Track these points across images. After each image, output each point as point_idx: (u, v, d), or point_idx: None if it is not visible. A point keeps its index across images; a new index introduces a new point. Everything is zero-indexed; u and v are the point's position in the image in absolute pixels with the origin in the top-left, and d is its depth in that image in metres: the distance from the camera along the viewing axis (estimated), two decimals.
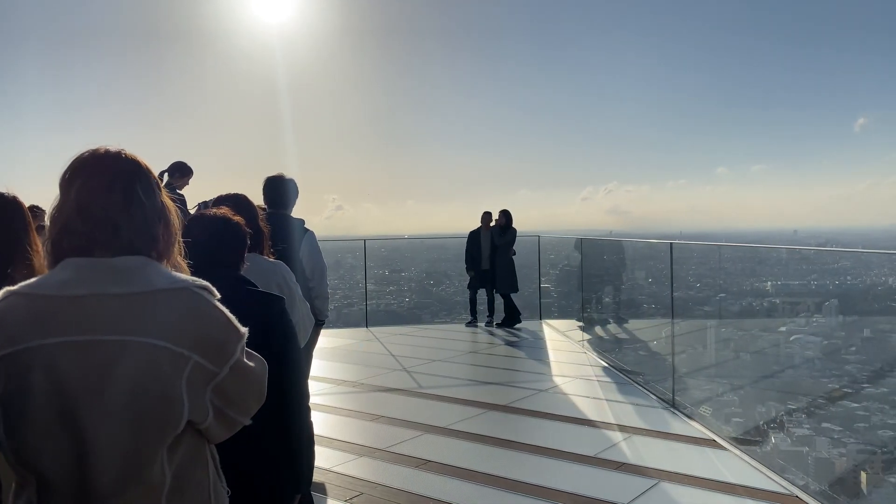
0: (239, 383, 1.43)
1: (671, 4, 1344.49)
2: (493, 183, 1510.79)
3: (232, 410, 1.44)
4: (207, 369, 1.35)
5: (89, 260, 1.35)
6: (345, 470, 4.81)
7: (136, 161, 1.46)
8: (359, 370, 8.04)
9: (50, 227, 1.40)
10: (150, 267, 1.38)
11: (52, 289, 1.33)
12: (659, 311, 9.20)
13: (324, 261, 4.99)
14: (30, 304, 1.32)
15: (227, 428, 1.46)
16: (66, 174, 1.41)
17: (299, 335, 3.29)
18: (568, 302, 12.55)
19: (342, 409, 6.35)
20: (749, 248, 7.43)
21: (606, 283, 10.04)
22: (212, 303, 1.41)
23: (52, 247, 1.38)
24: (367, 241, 12.49)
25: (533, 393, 6.81)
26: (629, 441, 5.32)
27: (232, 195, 3.21)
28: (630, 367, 7.79)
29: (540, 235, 12.62)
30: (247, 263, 3.12)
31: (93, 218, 1.36)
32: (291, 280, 3.25)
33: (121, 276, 1.34)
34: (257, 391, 1.52)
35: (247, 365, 1.45)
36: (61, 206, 1.39)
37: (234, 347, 1.40)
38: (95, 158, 1.42)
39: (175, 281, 1.39)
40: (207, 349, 1.35)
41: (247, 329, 1.47)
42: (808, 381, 6.08)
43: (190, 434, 1.39)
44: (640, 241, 9.15)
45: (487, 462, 4.91)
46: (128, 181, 1.42)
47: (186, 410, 1.32)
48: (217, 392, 1.38)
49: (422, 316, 14.23)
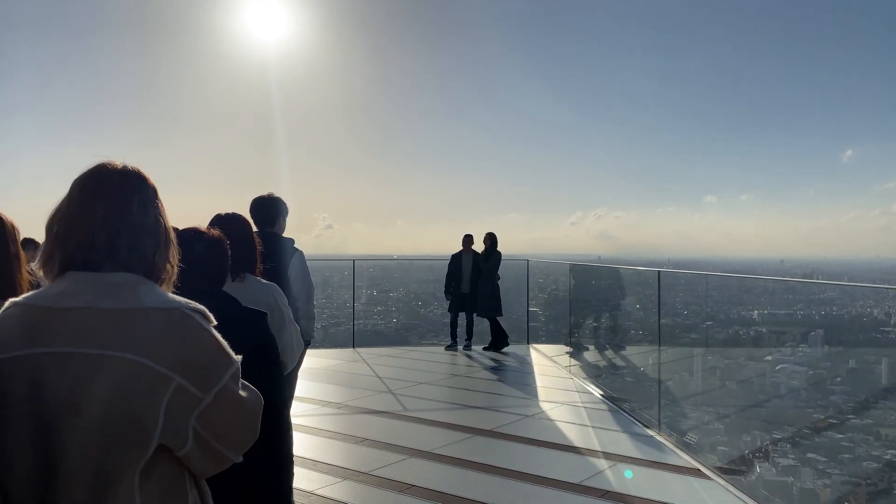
0: (227, 413, 1.38)
1: (664, 31, 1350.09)
2: (482, 205, 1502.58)
3: (220, 443, 1.39)
4: (191, 393, 1.31)
5: (86, 274, 1.35)
6: (328, 493, 4.76)
7: (138, 177, 1.46)
8: (344, 391, 7.99)
9: (50, 240, 1.39)
10: (143, 285, 1.37)
11: (47, 300, 1.33)
12: (646, 338, 9.20)
13: (312, 281, 4.97)
14: (24, 315, 1.33)
15: (214, 461, 1.41)
16: (71, 189, 1.42)
17: (289, 358, 3.28)
18: (556, 326, 12.54)
19: (326, 430, 6.30)
20: (736, 277, 7.46)
21: (597, 309, 10.05)
22: (203, 326, 1.38)
23: (49, 259, 1.38)
24: (356, 260, 12.47)
25: (519, 418, 6.78)
26: (614, 469, 5.30)
27: (229, 215, 3.21)
28: (617, 394, 7.78)
29: (529, 259, 12.64)
30: (239, 281, 3.12)
31: (93, 234, 1.36)
32: (283, 302, 3.23)
33: (113, 292, 1.33)
34: (249, 425, 1.46)
35: (237, 395, 1.41)
36: (61, 221, 1.39)
37: (222, 374, 1.36)
38: (98, 174, 1.42)
39: (167, 301, 1.38)
40: (192, 372, 1.32)
41: (240, 358, 1.44)
42: (794, 410, 6.08)
43: (167, 462, 1.34)
44: (629, 268, 9.16)
45: (472, 487, 4.87)
46: (128, 198, 1.41)
47: (158, 433, 1.28)
48: (202, 420, 1.33)
49: (409, 337, 14.17)
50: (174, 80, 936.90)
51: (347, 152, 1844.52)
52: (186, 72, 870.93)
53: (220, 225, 3.22)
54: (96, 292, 1.33)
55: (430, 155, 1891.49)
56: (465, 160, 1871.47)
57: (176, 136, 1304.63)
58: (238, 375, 1.43)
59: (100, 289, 1.33)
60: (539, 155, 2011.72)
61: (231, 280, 3.13)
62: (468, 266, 11.07)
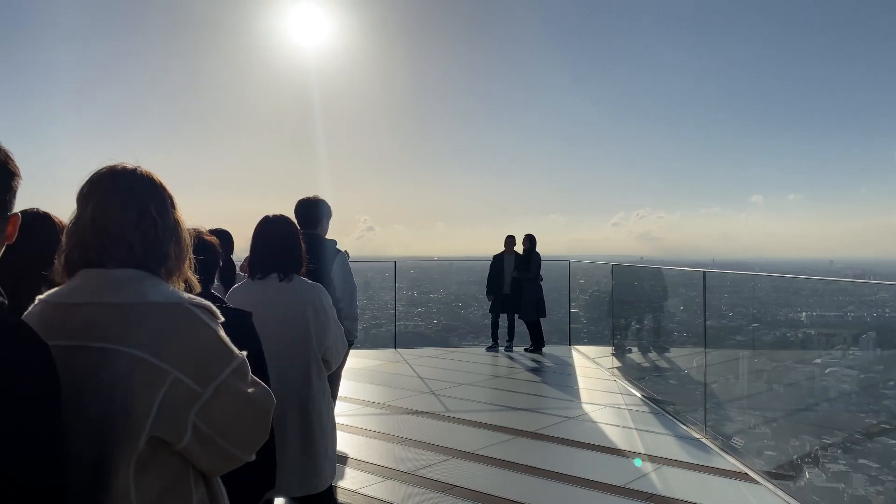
0: (231, 409, 1.38)
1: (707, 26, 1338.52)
2: (522, 206, 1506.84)
3: (226, 440, 1.39)
4: (189, 387, 1.32)
5: (95, 270, 1.39)
6: (371, 492, 4.80)
7: (150, 179, 1.49)
8: (387, 392, 8.04)
9: (66, 240, 1.43)
10: (148, 280, 1.40)
11: (60, 297, 1.38)
12: (690, 340, 9.07)
13: (354, 282, 5.02)
14: (43, 311, 1.38)
15: (221, 459, 1.41)
16: (83, 189, 1.45)
17: (333, 358, 3.31)
18: (597, 328, 12.43)
19: (370, 430, 6.34)
20: (784, 278, 7.31)
21: (640, 311, 9.94)
22: (204, 321, 1.39)
23: (65, 259, 1.42)
24: (397, 262, 12.53)
25: (561, 420, 6.75)
26: (659, 472, 5.23)
27: (276, 216, 3.26)
28: (661, 396, 7.68)
29: (570, 260, 12.56)
30: (286, 281, 3.17)
31: (106, 234, 1.40)
32: (328, 303, 3.26)
33: (118, 287, 1.36)
34: (255, 422, 1.46)
35: (241, 391, 1.41)
36: (77, 221, 1.43)
37: (222, 369, 1.37)
38: (111, 175, 1.46)
39: (170, 296, 1.40)
40: (190, 367, 1.32)
41: (243, 354, 1.44)
42: (845, 415, 5.94)
43: (167, 458, 1.35)
44: (672, 268, 9.04)
45: (515, 489, 4.86)
46: (141, 199, 1.44)
47: (149, 425, 1.28)
48: (204, 416, 1.34)
49: (449, 338, 14.18)
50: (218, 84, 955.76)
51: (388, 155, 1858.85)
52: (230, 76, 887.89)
53: (266, 227, 3.28)
54: (103, 288, 1.37)
55: (469, 157, 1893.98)
56: (506, 161, 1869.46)
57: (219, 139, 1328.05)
58: (242, 371, 1.43)
59: (106, 284, 1.37)
60: (580, 155, 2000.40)
61: (279, 280, 3.19)
62: (510, 267, 11.03)
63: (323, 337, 3.23)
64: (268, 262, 3.20)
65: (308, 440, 3.10)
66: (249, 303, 2.94)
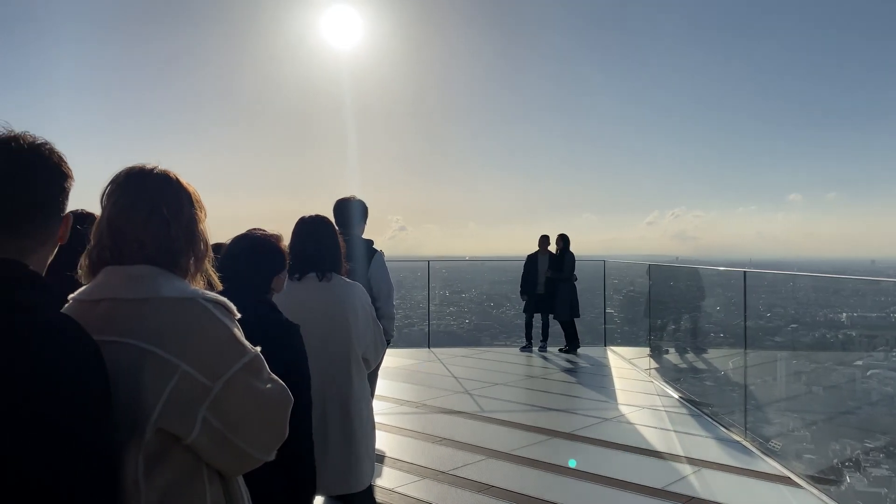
0: (241, 404, 1.38)
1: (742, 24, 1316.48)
2: (555, 206, 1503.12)
3: (238, 437, 1.39)
4: (198, 381, 1.33)
5: (114, 267, 1.43)
6: (408, 491, 4.80)
7: (166, 179, 1.52)
8: (421, 391, 8.05)
9: (91, 240, 1.49)
10: (162, 276, 1.42)
11: (83, 294, 1.43)
12: (727, 341, 8.94)
13: (391, 281, 5.04)
14: (70, 308, 1.42)
15: (235, 457, 1.41)
16: (104, 191, 1.50)
17: (372, 356, 3.32)
18: (632, 329, 12.32)
19: (405, 429, 6.36)
20: (825, 278, 7.16)
21: (676, 311, 9.82)
22: (216, 316, 1.41)
23: (88, 258, 1.47)
24: (430, 261, 12.54)
25: (598, 421, 6.69)
26: (699, 475, 5.16)
27: (313, 217, 3.28)
28: (699, 398, 7.58)
29: (605, 260, 12.46)
30: (325, 280, 3.19)
31: (121, 233, 1.44)
32: (367, 301, 3.27)
33: (132, 283, 1.40)
34: (269, 419, 1.46)
35: (253, 387, 1.41)
36: (98, 222, 1.48)
37: (231, 364, 1.38)
38: (127, 177, 1.50)
39: (184, 291, 1.42)
40: (199, 360, 1.34)
41: (256, 350, 1.45)
42: (888, 418, 5.80)
43: (178, 454, 1.35)
44: (710, 268, 8.91)
45: (551, 490, 4.83)
46: (154, 199, 1.47)
47: (155, 416, 1.29)
48: (214, 410, 1.34)
49: (481, 338, 14.16)
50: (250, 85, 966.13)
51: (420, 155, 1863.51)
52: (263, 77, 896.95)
53: (304, 227, 3.30)
54: (119, 284, 1.40)
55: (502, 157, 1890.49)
56: (538, 161, 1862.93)
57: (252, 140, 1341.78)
58: (255, 367, 1.43)
59: (123, 281, 1.40)
60: (614, 154, 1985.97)
61: (318, 280, 3.21)
62: (544, 267, 10.98)
63: (362, 336, 3.24)
64: (306, 263, 3.22)
65: (349, 439, 3.10)
66: (289, 303, 2.96)
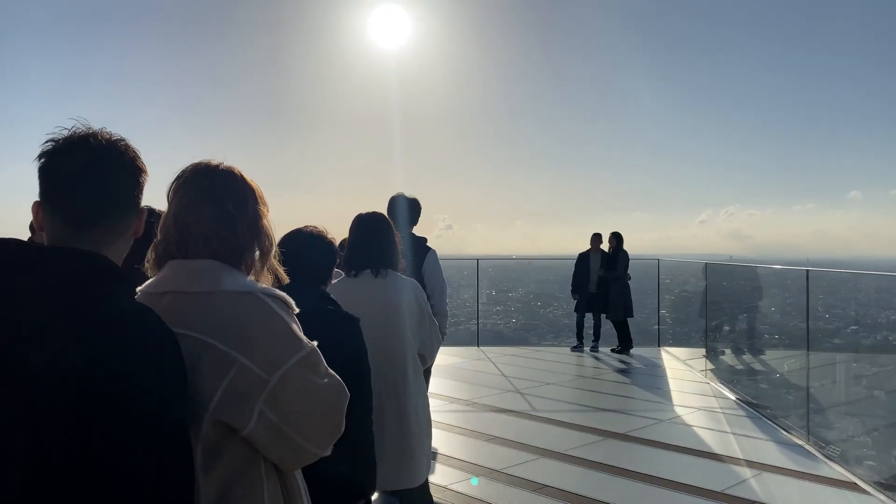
0: (297, 399, 1.39)
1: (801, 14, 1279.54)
2: (604, 205, 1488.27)
3: (294, 431, 1.39)
4: (256, 374, 1.34)
5: (178, 261, 1.45)
6: (462, 489, 4.77)
7: (231, 175, 1.53)
8: (472, 389, 8.02)
9: (158, 234, 1.51)
10: (223, 271, 1.44)
11: (149, 287, 1.46)
12: (782, 342, 8.69)
13: (444, 279, 5.01)
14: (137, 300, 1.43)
15: (291, 451, 1.42)
16: (170, 187, 1.53)
17: (428, 353, 3.30)
18: (684, 329, 12.07)
19: (457, 427, 6.33)
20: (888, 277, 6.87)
21: (732, 311, 9.59)
22: (274, 310, 1.42)
23: (154, 252, 1.50)
24: (479, 260, 12.50)
25: (653, 422, 6.56)
26: (760, 478, 5.01)
27: (370, 214, 3.29)
28: (757, 400, 7.37)
29: (659, 259, 12.23)
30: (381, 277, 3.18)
31: (186, 228, 1.46)
32: (423, 298, 3.26)
33: (196, 277, 1.42)
34: (326, 414, 1.47)
35: (309, 381, 1.42)
36: (165, 217, 1.50)
37: (288, 358, 1.38)
38: (192, 173, 1.52)
39: (244, 285, 1.44)
40: (257, 354, 1.35)
41: (313, 344, 1.45)
42: None
43: (235, 446, 1.36)
44: (769, 267, 8.67)
45: (607, 491, 4.75)
46: (219, 195, 1.49)
47: (213, 407, 1.30)
48: (271, 404, 1.35)
49: (528, 338, 14.07)
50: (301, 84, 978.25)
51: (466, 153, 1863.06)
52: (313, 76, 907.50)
53: (361, 224, 3.30)
54: (182, 277, 1.43)
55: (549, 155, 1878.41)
56: (587, 159, 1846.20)
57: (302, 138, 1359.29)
58: (312, 362, 1.44)
59: (186, 274, 1.43)
60: (665, 151, 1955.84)
61: (374, 276, 3.20)
62: (596, 265, 10.83)
63: (418, 331, 3.22)
64: (362, 259, 3.22)
65: (406, 434, 3.09)
66: (345, 299, 2.96)
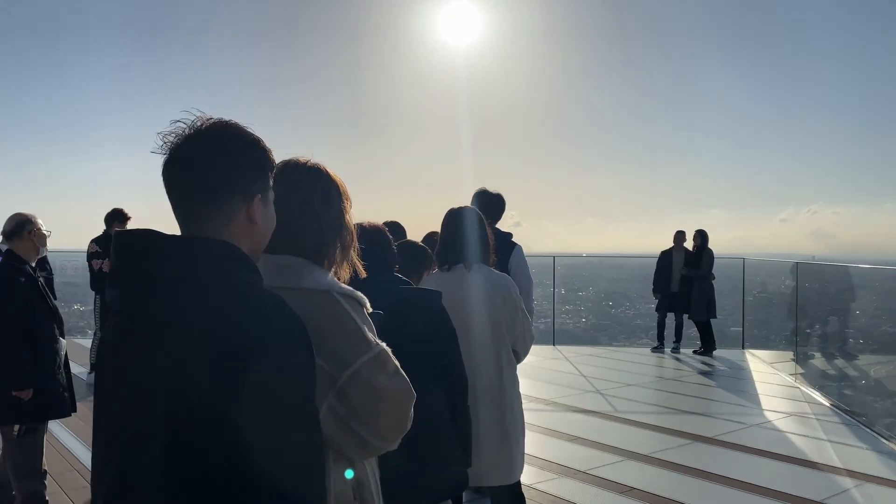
0: (364, 396, 1.43)
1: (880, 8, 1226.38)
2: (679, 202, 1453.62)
3: (360, 427, 1.44)
4: (326, 371, 1.39)
5: (265, 255, 1.47)
6: (547, 489, 4.72)
7: (317, 172, 1.58)
8: (551, 388, 7.93)
9: None
10: (306, 268, 1.49)
11: None
12: (870, 347, 8.29)
13: (531, 275, 4.96)
14: None
15: (356, 443, 1.47)
16: None
17: (520, 347, 3.27)
18: (763, 331, 11.64)
19: (538, 426, 6.26)
20: None
21: (822, 313, 9.19)
22: (346, 310, 1.46)
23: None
24: (556, 257, 12.36)
25: (741, 427, 6.33)
26: (862, 489, 4.77)
27: (461, 209, 3.29)
28: (852, 406, 7.04)
29: (745, 258, 11.82)
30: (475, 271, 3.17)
31: (277, 224, 1.48)
32: (516, 292, 3.24)
33: (279, 272, 1.47)
34: (392, 413, 1.50)
35: (376, 381, 1.45)
36: None
37: (356, 358, 1.43)
38: (281, 170, 1.54)
39: (322, 283, 1.48)
40: (327, 351, 1.38)
41: (382, 345, 1.49)
42: None
43: None
44: (865, 267, 8.27)
45: (698, 496, 4.60)
46: (305, 191, 1.53)
47: None
48: (340, 398, 1.43)
49: (598, 338, 13.81)
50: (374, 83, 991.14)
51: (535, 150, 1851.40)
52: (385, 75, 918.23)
53: (453, 218, 3.30)
54: (267, 272, 1.44)
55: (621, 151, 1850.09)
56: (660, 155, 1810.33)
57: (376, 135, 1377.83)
58: (380, 361, 1.47)
59: (272, 269, 1.45)
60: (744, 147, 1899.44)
61: (466, 270, 3.20)
62: (679, 264, 10.54)
63: (512, 326, 3.20)
64: (454, 253, 3.24)
65: (502, 430, 3.06)
66: None
